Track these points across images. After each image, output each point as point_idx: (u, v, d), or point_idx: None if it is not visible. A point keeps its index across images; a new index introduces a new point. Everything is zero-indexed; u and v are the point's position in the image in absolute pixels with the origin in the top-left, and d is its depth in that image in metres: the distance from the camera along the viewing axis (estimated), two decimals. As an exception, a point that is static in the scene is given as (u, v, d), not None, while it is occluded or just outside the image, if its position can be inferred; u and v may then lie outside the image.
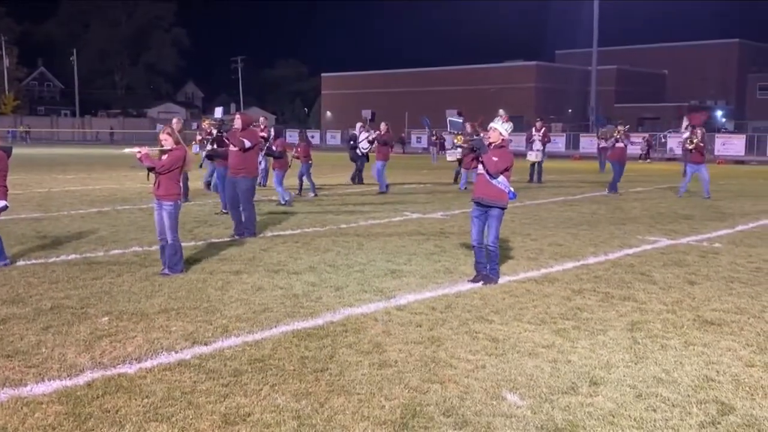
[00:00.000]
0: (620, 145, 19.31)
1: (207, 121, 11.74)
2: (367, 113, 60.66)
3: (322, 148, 57.84)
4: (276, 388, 4.93)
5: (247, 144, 10.92)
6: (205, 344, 5.85)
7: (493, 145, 7.89)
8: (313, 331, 6.21)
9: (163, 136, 8.49)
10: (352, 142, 21.68)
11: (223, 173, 12.62)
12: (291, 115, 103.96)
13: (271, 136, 16.60)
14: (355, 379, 5.11)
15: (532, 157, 23.38)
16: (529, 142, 23.49)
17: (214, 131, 13.06)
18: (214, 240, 10.82)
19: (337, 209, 15.06)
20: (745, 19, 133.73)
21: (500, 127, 7.91)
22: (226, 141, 11.11)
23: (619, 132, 19.48)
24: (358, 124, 22.03)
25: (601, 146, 30.98)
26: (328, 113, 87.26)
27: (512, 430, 4.36)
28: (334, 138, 71.88)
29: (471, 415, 4.54)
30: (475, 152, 7.95)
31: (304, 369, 5.29)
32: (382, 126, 20.35)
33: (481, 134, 8.13)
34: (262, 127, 18.85)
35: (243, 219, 11.07)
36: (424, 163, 36.14)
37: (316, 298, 7.37)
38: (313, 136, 70.42)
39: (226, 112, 12.93)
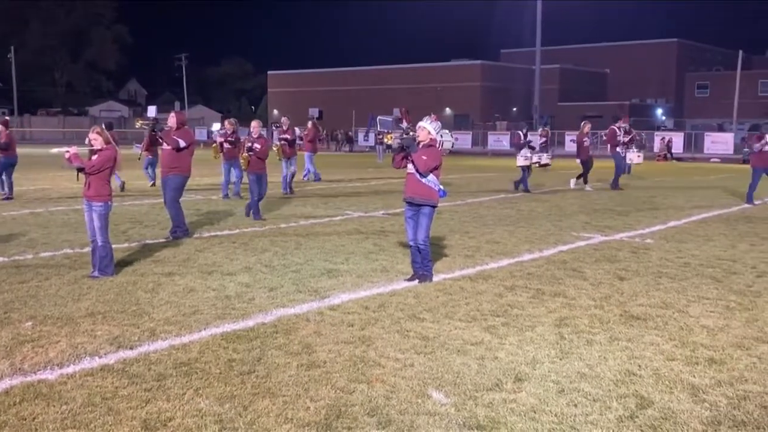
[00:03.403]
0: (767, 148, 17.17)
1: (140, 121, 11.50)
2: (314, 111, 60.41)
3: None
4: (200, 392, 4.86)
5: (182, 144, 10.76)
6: (131, 348, 5.75)
7: (422, 144, 7.93)
8: (243, 333, 6.15)
9: (92, 136, 8.31)
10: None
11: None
12: (237, 113, 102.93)
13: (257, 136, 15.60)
14: (282, 381, 5.08)
15: (637, 159, 22.37)
16: (615, 145, 20.51)
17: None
18: (148, 241, 10.64)
19: (278, 209, 14.94)
20: (683, 20, 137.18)
21: (429, 126, 7.96)
22: (160, 140, 10.92)
23: None
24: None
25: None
26: (275, 111, 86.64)
27: (435, 428, 4.39)
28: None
29: (395, 414, 4.55)
30: (405, 151, 7.98)
31: (231, 372, 5.23)
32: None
33: (411, 133, 8.15)
34: (284, 128, 17.95)
35: (170, 218, 10.91)
36: (370, 162, 36.19)
37: (248, 299, 7.30)
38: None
39: (158, 111, 12.68)
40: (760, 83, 72.93)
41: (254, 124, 13.50)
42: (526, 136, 19.66)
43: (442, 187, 8.10)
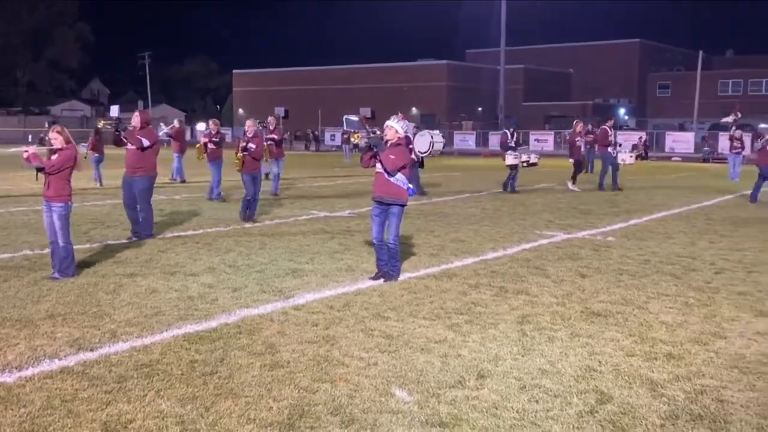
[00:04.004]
0: None
1: (103, 120, 11.35)
2: (280, 110, 60.10)
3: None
4: (161, 393, 4.82)
5: (145, 143, 10.65)
6: (91, 350, 5.67)
7: (389, 143, 7.96)
8: (206, 333, 6.11)
9: (52, 135, 8.19)
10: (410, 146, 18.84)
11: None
12: (202, 113, 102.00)
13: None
14: (245, 381, 5.06)
15: (629, 159, 21.90)
16: (607, 145, 20.16)
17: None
18: (110, 242, 10.51)
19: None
20: (644, 20, 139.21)
21: (396, 125, 7.99)
22: (124, 140, 10.78)
23: None
24: (411, 125, 19.26)
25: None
26: (240, 110, 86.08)
27: (398, 426, 4.40)
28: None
29: (358, 413, 4.56)
30: (372, 150, 8.00)
31: (193, 373, 5.20)
32: (176, 122, 21.13)
33: (378, 132, 8.17)
34: (271, 128, 17.29)
35: (140, 219, 10.79)
36: (337, 161, 36.14)
37: (212, 299, 7.25)
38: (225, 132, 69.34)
39: (121, 110, 12.50)
40: (720, 83, 74.31)
41: (249, 123, 13.14)
42: (513, 135, 19.40)
43: (411, 185, 8.13)
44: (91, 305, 6.98)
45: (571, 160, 19.99)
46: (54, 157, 8.13)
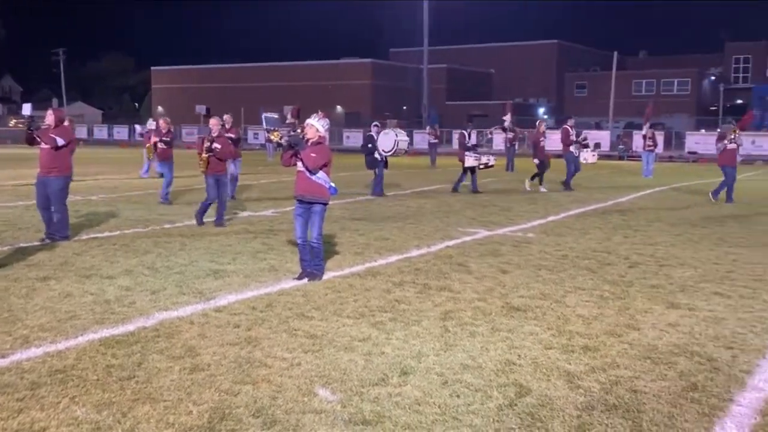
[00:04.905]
0: (732, 146, 16.53)
1: (14, 119, 10.92)
2: (201, 108, 58.95)
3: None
4: (76, 399, 4.67)
5: (60, 142, 10.29)
6: (2, 357, 5.45)
7: (310, 141, 7.93)
8: (123, 338, 5.95)
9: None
10: (369, 146, 17.70)
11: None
12: (119, 111, 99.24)
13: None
14: (164, 385, 4.95)
15: (591, 159, 21.85)
16: (568, 145, 20.09)
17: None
18: (22, 244, 10.12)
19: (163, 209, 14.55)
20: (562, 21, 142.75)
21: (317, 124, 7.97)
22: (37, 139, 10.39)
23: (735, 132, 16.67)
24: (374, 124, 18.60)
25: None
26: (160, 108, 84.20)
27: (321, 425, 4.39)
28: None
29: (281, 414, 4.52)
30: (293, 148, 7.95)
31: (109, 378, 5.05)
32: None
33: (298, 130, 8.12)
34: (228, 126, 16.01)
35: (55, 221, 10.43)
36: (260, 160, 35.76)
37: (129, 303, 7.06)
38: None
39: (34, 108, 12.00)
40: (634, 83, 76.78)
41: (213, 121, 12.40)
42: (470, 135, 19.20)
43: (333, 184, 8.11)
44: (2, 310, 6.70)
45: (536, 161, 19.90)
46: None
